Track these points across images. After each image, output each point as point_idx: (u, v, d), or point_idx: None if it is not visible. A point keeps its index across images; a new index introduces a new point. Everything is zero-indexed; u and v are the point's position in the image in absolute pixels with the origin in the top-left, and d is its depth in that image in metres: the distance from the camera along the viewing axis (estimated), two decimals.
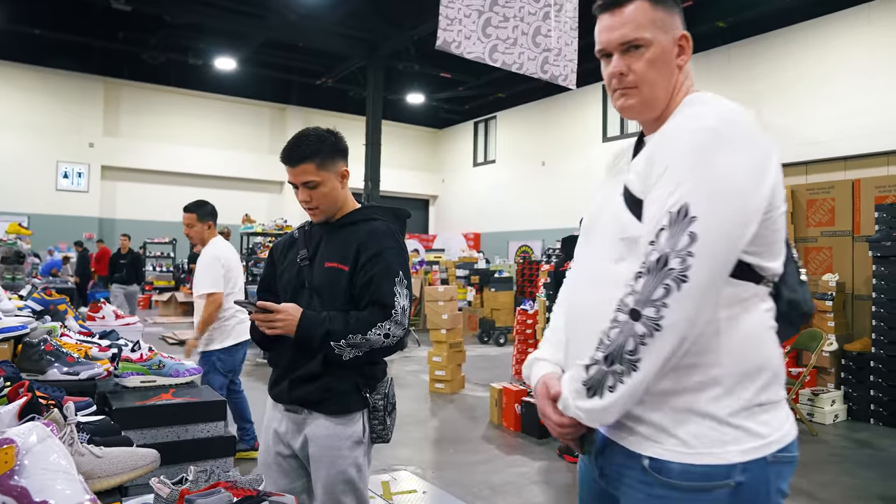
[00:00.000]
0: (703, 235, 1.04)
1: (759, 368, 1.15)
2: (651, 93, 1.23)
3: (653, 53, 1.21)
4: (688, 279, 1.04)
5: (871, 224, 5.86)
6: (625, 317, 1.08)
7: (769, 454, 1.13)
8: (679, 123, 1.16)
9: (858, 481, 4.09)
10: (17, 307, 2.30)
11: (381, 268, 1.82)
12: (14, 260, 5.04)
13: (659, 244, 1.07)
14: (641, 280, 1.07)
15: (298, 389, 1.85)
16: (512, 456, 4.55)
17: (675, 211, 1.06)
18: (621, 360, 1.08)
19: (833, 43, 11.72)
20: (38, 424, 0.93)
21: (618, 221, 1.20)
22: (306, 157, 1.84)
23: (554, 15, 4.81)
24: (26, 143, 17.02)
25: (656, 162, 1.13)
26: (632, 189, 1.18)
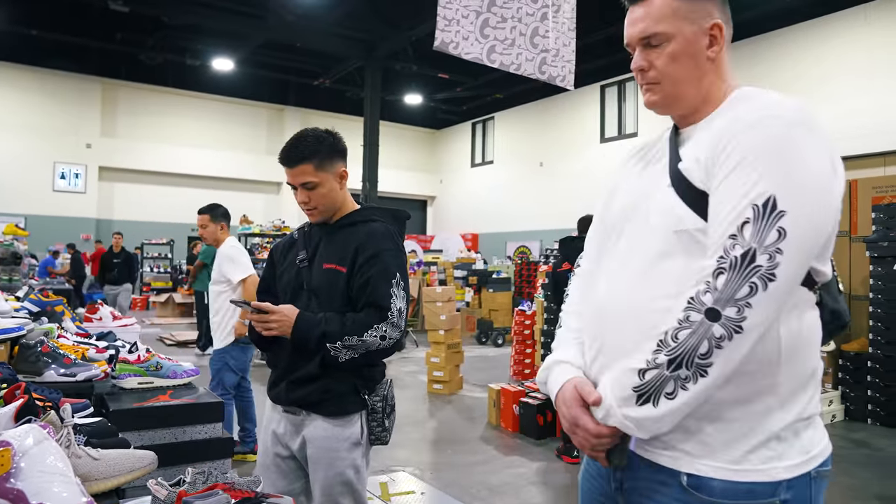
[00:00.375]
0: (792, 231, 0.97)
1: (809, 379, 1.10)
2: (674, 88, 1.16)
3: (675, 47, 1.14)
4: (775, 278, 0.97)
5: (869, 224, 5.87)
6: (699, 317, 0.98)
7: (813, 470, 1.08)
8: (751, 113, 1.06)
9: (856, 481, 4.09)
10: (13, 308, 2.29)
11: (378, 269, 1.81)
12: (10, 261, 5.02)
13: (744, 238, 0.98)
14: (723, 277, 0.98)
15: (297, 391, 1.85)
16: (510, 457, 4.55)
17: (760, 203, 0.98)
18: (690, 364, 0.99)
19: (831, 43, 11.76)
20: (34, 427, 0.92)
21: (670, 214, 1.10)
22: (304, 157, 1.84)
23: (552, 16, 4.82)
24: (23, 143, 16.98)
25: (728, 151, 1.04)
26: (691, 178, 1.09)
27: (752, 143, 1.02)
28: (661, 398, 1.02)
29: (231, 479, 1.30)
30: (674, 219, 1.10)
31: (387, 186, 19.39)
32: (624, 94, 16.82)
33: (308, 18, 14.28)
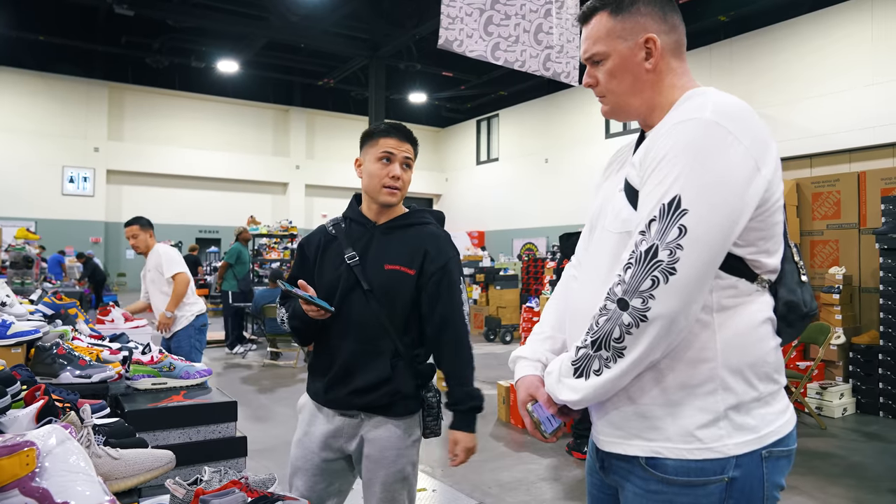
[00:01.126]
0: (692, 228, 1.04)
1: (754, 364, 1.15)
2: (617, 100, 1.27)
3: (611, 65, 1.24)
4: (675, 272, 1.04)
5: (878, 216, 5.84)
6: (613, 305, 1.09)
7: (763, 449, 1.14)
8: (676, 116, 1.15)
9: (869, 474, 4.08)
10: (28, 311, 2.32)
11: (448, 280, 1.88)
12: (23, 265, 5.08)
13: (649, 235, 1.07)
14: (630, 270, 1.08)
15: (364, 396, 1.82)
16: (520, 453, 4.56)
17: (666, 202, 1.06)
18: (608, 347, 1.10)
19: (836, 35, 11.67)
20: (56, 427, 0.94)
21: (619, 217, 1.20)
22: (410, 139, 1.93)
23: (555, 12, 4.81)
24: (33, 148, 17.12)
25: (652, 154, 1.13)
26: (631, 182, 1.19)
27: (669, 145, 1.10)
28: (591, 374, 1.13)
29: (246, 478, 1.31)
30: (620, 221, 1.19)
31: None
32: None
33: (312, 19, 14.31)
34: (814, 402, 5.57)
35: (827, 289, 6.03)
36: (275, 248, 12.35)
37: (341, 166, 21.22)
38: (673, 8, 1.26)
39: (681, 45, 1.27)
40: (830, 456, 4.45)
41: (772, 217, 1.14)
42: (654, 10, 1.23)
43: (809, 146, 11.84)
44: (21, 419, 1.12)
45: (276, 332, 8.11)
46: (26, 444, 0.86)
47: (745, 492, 1.13)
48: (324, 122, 21.52)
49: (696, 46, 14.01)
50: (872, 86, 11.08)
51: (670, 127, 1.12)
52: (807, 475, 4.04)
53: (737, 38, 13.25)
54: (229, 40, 15.96)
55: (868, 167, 8.90)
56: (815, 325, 5.50)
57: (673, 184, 1.07)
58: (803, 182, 6.64)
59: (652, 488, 1.16)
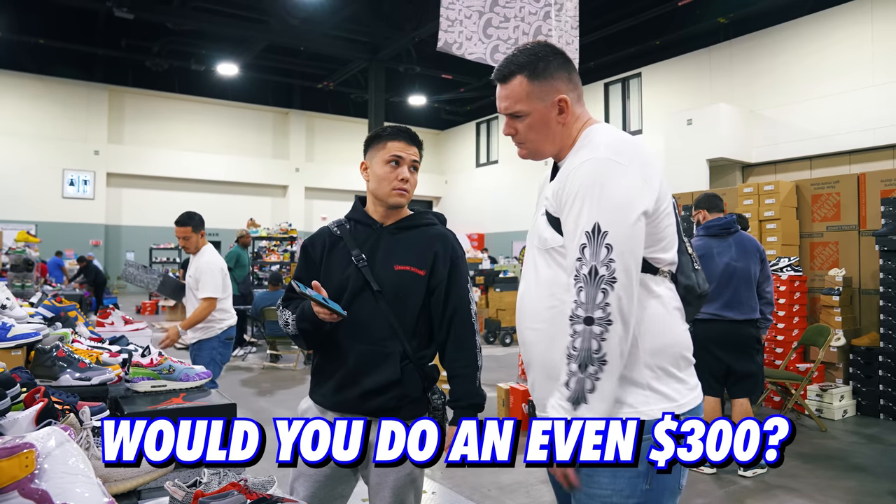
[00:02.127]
0: (615, 244, 1.30)
1: (669, 344, 1.40)
2: (534, 146, 1.52)
3: (530, 120, 1.47)
4: (616, 280, 1.29)
5: (878, 218, 5.84)
6: (581, 326, 1.30)
7: (682, 414, 1.37)
8: (578, 158, 1.40)
9: (869, 477, 4.08)
10: (28, 314, 2.32)
11: (459, 277, 1.93)
12: (23, 268, 5.08)
13: (585, 259, 1.31)
14: (583, 292, 1.30)
15: (374, 399, 1.81)
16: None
17: (589, 230, 1.31)
18: (591, 362, 1.30)
19: (836, 37, 11.69)
20: (56, 429, 0.94)
21: (541, 236, 1.47)
22: (417, 143, 1.96)
23: (555, 14, 4.82)
24: (33, 151, 17.15)
25: (566, 189, 1.37)
26: (549, 209, 1.44)
27: (577, 183, 1.36)
28: (586, 395, 1.31)
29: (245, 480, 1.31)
30: (541, 240, 1.47)
31: None
32: (628, 91, 16.79)
33: (311, 22, 14.34)
34: (814, 404, 5.56)
35: (827, 290, 6.03)
36: (274, 250, 12.34)
37: (341, 169, 21.25)
38: (571, 66, 1.50)
39: (580, 94, 1.51)
40: (831, 458, 4.45)
41: (663, 221, 1.40)
42: (562, 73, 1.47)
43: (809, 148, 11.85)
44: (21, 421, 1.12)
45: (275, 334, 8.10)
46: (26, 446, 0.86)
47: None
48: (323, 124, 21.55)
49: (696, 48, 14.02)
50: (872, 87, 11.09)
51: (576, 167, 1.37)
52: (807, 477, 4.04)
53: (736, 39, 13.27)
54: (229, 43, 15.99)
55: (868, 169, 8.91)
56: (815, 327, 5.50)
57: (589, 214, 1.32)
58: (803, 184, 6.65)
59: None
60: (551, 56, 1.47)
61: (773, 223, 6.38)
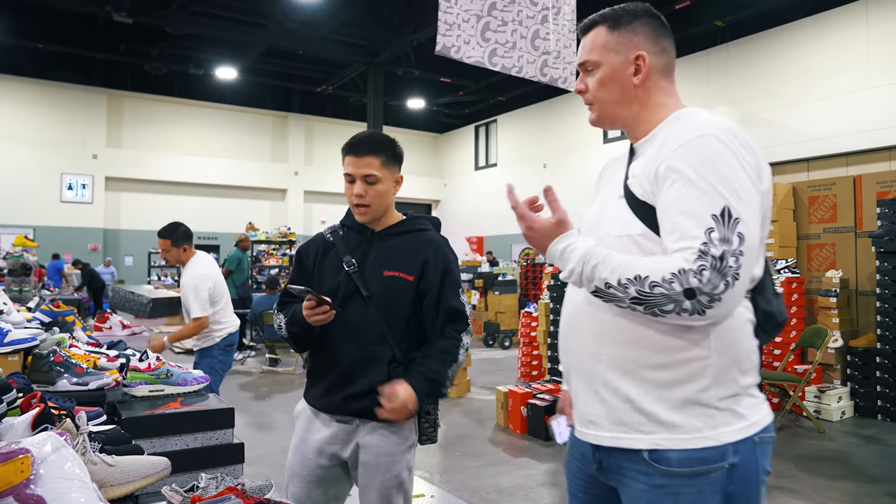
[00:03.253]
0: (747, 237, 1.12)
1: (741, 360, 1.25)
2: (603, 109, 1.36)
3: (602, 74, 1.34)
4: (739, 277, 1.11)
5: (874, 220, 5.85)
6: (679, 289, 1.11)
7: (755, 435, 1.23)
8: (680, 132, 1.22)
9: (867, 477, 4.08)
10: (26, 319, 2.32)
11: (450, 280, 1.89)
12: (21, 272, 5.08)
13: (713, 243, 1.11)
14: (706, 273, 1.10)
15: (358, 402, 1.83)
16: (519, 458, 4.56)
17: (718, 213, 1.12)
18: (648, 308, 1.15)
19: (832, 39, 11.72)
20: (52, 434, 0.94)
21: (618, 221, 1.28)
22: (374, 150, 1.88)
23: (552, 18, 4.84)
24: (31, 155, 17.13)
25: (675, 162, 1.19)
26: (634, 191, 1.26)
27: (692, 158, 1.17)
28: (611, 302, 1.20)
29: (242, 485, 1.32)
30: (619, 225, 1.28)
31: None
32: None
33: (310, 26, 14.36)
34: (812, 405, 5.57)
35: (824, 292, 6.05)
36: (273, 254, 12.34)
37: (340, 172, 21.10)
38: (666, 33, 1.35)
39: (670, 68, 1.36)
40: (829, 459, 4.45)
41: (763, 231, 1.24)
42: (648, 31, 1.33)
43: (806, 150, 11.87)
44: (17, 427, 1.12)
45: (274, 338, 8.10)
46: (21, 452, 0.86)
47: (743, 477, 1.20)
48: (322, 128, 21.56)
49: (693, 51, 14.05)
50: (868, 90, 11.12)
51: (689, 140, 1.19)
52: (805, 478, 4.04)
53: (733, 42, 13.30)
54: (227, 47, 16.00)
55: (864, 171, 8.92)
56: (813, 329, 5.51)
57: (715, 195, 1.13)
58: (800, 186, 6.66)
59: (657, 482, 1.21)
60: (641, 14, 1.34)
61: (771, 225, 6.40)
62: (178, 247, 3.95)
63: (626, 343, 1.25)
